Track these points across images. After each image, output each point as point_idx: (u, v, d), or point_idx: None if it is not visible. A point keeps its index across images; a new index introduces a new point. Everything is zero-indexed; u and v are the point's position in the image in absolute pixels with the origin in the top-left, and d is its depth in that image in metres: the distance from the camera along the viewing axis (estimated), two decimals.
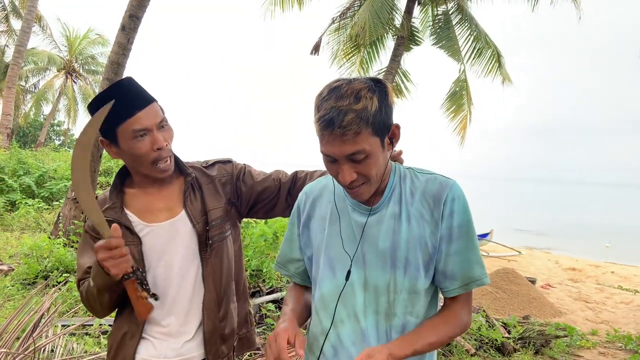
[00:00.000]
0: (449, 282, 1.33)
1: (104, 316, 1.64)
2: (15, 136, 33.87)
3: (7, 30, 26.24)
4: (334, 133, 1.17)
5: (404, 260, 1.31)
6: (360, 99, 1.17)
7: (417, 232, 1.32)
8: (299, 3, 11.97)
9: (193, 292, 1.64)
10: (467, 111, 12.53)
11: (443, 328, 1.32)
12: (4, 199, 10.92)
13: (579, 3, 11.04)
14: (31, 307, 3.86)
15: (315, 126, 1.23)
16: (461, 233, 1.31)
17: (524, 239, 20.02)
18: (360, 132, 1.17)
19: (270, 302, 5.26)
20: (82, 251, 1.63)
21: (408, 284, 1.31)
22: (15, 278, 5.86)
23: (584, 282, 10.53)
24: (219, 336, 1.66)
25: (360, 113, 1.16)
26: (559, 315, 7.32)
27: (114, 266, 1.40)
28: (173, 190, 1.66)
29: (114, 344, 1.63)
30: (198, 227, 1.62)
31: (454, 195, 1.31)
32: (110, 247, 1.39)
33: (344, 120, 1.16)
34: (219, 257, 1.66)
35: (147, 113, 1.51)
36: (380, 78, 1.27)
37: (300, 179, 1.80)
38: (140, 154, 1.51)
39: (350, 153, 1.20)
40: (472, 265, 1.32)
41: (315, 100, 1.24)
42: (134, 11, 7.52)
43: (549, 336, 5.36)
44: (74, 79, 34.13)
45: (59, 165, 14.08)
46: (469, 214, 1.32)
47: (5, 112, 18.31)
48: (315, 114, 1.22)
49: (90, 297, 1.54)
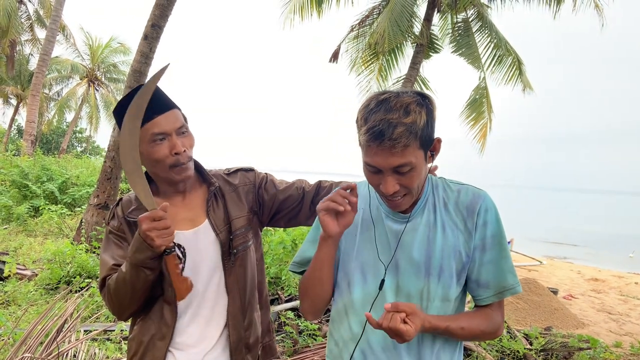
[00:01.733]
0: (482, 291, 1.36)
1: (129, 314, 1.60)
2: (39, 143, 34.58)
3: (31, 39, 26.84)
4: (383, 145, 1.20)
5: (439, 268, 1.33)
6: (409, 113, 1.19)
7: (451, 240, 1.35)
8: (318, 12, 12.02)
9: (215, 301, 1.64)
10: (488, 119, 12.43)
11: (477, 319, 1.35)
12: (28, 204, 11.11)
13: (601, 10, 10.90)
14: (54, 313, 3.92)
15: (361, 137, 1.25)
16: (494, 243, 1.34)
17: (545, 248, 19.70)
18: (409, 145, 1.20)
19: (289, 310, 5.25)
20: (107, 250, 1.63)
21: (441, 292, 1.34)
22: (39, 283, 5.95)
23: (607, 293, 10.32)
24: (244, 345, 1.66)
25: (410, 127, 1.19)
26: (581, 327, 7.18)
27: (158, 236, 1.40)
28: (196, 199, 1.67)
29: (140, 347, 1.61)
30: (221, 236, 1.63)
31: (487, 206, 1.35)
32: (155, 218, 1.40)
33: (394, 133, 1.18)
34: (243, 266, 1.66)
35: (167, 118, 1.53)
36: (426, 93, 1.29)
37: (324, 188, 1.80)
38: (159, 157, 1.53)
39: (397, 165, 1.23)
40: (505, 274, 1.35)
41: (361, 112, 1.26)
42: (156, 20, 7.65)
43: (572, 348, 5.26)
44: (96, 87, 34.72)
45: (82, 171, 14.31)
46: (501, 224, 1.36)
47: (30, 120, 18.65)
48: (362, 126, 1.24)
49: (120, 285, 1.50)
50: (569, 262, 16.18)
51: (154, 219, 1.40)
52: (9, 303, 5.26)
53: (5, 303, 5.25)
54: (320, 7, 11.99)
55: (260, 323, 1.77)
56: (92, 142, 43.13)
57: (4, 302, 5.26)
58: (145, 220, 1.40)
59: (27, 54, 29.74)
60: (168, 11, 7.73)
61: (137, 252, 1.44)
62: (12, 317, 4.68)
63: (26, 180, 12.19)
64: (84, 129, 44.40)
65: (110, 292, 1.55)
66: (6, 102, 32.71)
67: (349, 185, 1.36)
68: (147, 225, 1.39)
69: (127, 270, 1.47)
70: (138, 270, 1.46)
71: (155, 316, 1.61)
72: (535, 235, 24.49)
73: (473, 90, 12.50)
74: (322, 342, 4.46)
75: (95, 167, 15.80)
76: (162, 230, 1.40)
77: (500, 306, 1.39)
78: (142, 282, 1.48)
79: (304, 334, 4.67)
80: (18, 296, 5.37)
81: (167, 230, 1.41)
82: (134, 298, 1.53)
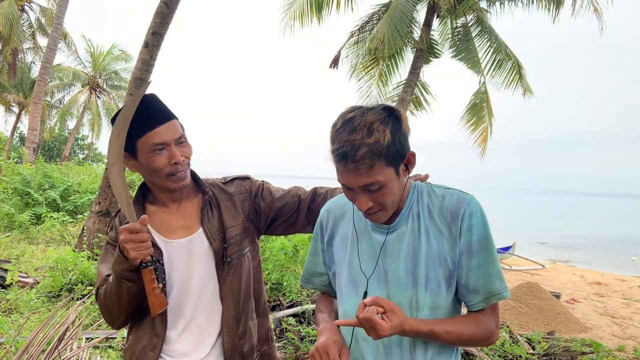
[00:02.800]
0: (472, 296, 1.35)
1: (119, 323, 1.64)
2: (41, 150, 34.66)
3: (33, 47, 26.97)
4: (348, 166, 1.21)
5: (425, 277, 1.33)
6: (372, 133, 1.19)
7: (436, 248, 1.33)
8: (318, 18, 12.06)
9: (210, 309, 1.65)
10: (488, 123, 12.44)
11: (466, 324, 1.33)
12: (30, 212, 11.13)
13: (600, 14, 10.92)
14: (56, 320, 3.93)
15: (331, 157, 1.26)
16: (481, 247, 1.32)
17: (547, 252, 19.65)
18: (373, 166, 1.20)
19: (291, 316, 5.25)
20: (103, 261, 1.66)
21: (430, 300, 1.32)
22: (41, 291, 5.96)
23: (610, 297, 10.30)
24: (239, 354, 1.66)
25: (372, 147, 1.19)
26: (584, 331, 7.17)
27: (133, 249, 1.42)
28: (191, 208, 1.69)
29: (133, 357, 1.63)
30: (215, 245, 1.64)
31: (471, 210, 1.33)
32: (132, 230, 1.42)
33: (357, 155, 1.18)
34: (237, 274, 1.67)
35: (167, 128, 1.55)
36: (393, 106, 1.28)
37: (320, 195, 1.81)
38: (157, 167, 1.55)
39: (364, 185, 1.23)
40: (493, 278, 1.33)
41: (330, 131, 1.27)
42: (157, 28, 7.69)
43: (575, 352, 5.24)
44: (97, 94, 34.87)
45: (83, 178, 14.33)
46: (487, 228, 1.33)
47: (32, 127, 18.71)
48: (331, 145, 1.25)
49: (108, 295, 1.55)
50: (572, 265, 16.15)
51: (131, 231, 1.42)
52: (11, 311, 5.27)
53: (7, 311, 5.26)
54: (320, 14, 12.01)
55: (257, 331, 1.77)
56: (94, 149, 43.19)
57: (6, 310, 5.27)
58: (123, 231, 1.43)
59: (29, 62, 29.89)
60: (169, 19, 7.77)
61: (116, 263, 1.48)
62: (14, 325, 4.68)
63: (28, 188, 12.21)
64: (86, 136, 44.61)
65: (101, 301, 1.60)
66: (8, 109, 32.82)
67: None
68: (124, 237, 1.43)
69: (112, 281, 1.52)
70: (120, 282, 1.50)
71: (147, 326, 1.63)
72: (537, 238, 24.43)
73: (473, 95, 12.51)
74: None
75: (97, 174, 15.81)
76: (138, 244, 1.43)
77: (493, 312, 1.37)
78: (125, 293, 1.52)
79: (306, 340, 4.66)
80: (20, 304, 5.38)
81: (143, 243, 1.43)
82: (121, 308, 1.57)
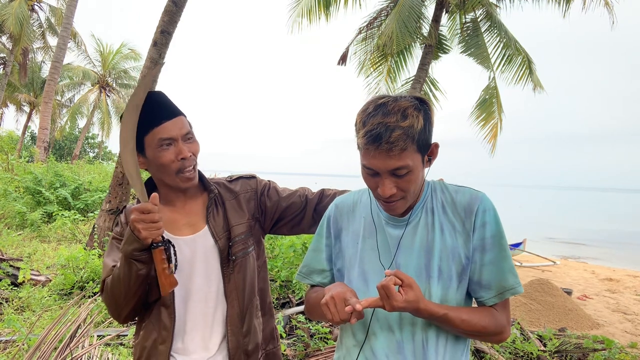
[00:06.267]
0: (484, 292, 1.36)
1: (125, 315, 1.61)
2: (52, 149, 34.95)
3: (43, 47, 27.19)
4: (381, 148, 1.22)
5: (438, 270, 1.34)
6: (407, 117, 1.22)
7: (450, 243, 1.35)
8: (326, 15, 12.03)
9: (215, 307, 1.66)
10: (498, 119, 12.35)
11: (480, 314, 1.34)
12: (42, 210, 11.24)
13: (611, 8, 10.79)
14: (68, 318, 3.96)
15: (359, 140, 1.27)
16: (494, 243, 1.34)
17: (558, 248, 19.53)
18: (406, 149, 1.22)
19: (301, 314, 5.25)
20: (109, 254, 1.67)
21: (441, 294, 1.33)
22: (52, 289, 6.01)
23: (622, 293, 10.21)
24: (243, 352, 1.67)
25: (407, 130, 1.21)
26: (596, 328, 7.11)
27: (145, 229, 1.42)
28: (197, 206, 1.70)
29: (143, 352, 1.64)
30: (220, 243, 1.65)
31: (485, 207, 1.36)
32: (144, 211, 1.42)
33: (392, 136, 1.20)
34: (242, 272, 1.68)
35: (174, 124, 1.56)
36: (424, 97, 1.30)
37: (328, 196, 1.82)
38: (165, 162, 1.56)
39: (394, 168, 1.24)
40: (506, 274, 1.34)
41: (359, 116, 1.28)
42: (165, 27, 7.71)
43: (587, 349, 5.21)
44: (107, 93, 35.10)
45: (94, 177, 14.43)
46: (500, 224, 1.36)
47: (43, 127, 18.86)
48: (360, 129, 1.26)
49: (115, 282, 1.54)
50: (583, 262, 16.03)
51: (142, 211, 1.42)
52: (24, 309, 5.32)
53: (19, 309, 5.31)
54: (328, 10, 11.99)
55: (263, 330, 1.77)
56: (104, 148, 43.55)
57: (19, 308, 5.33)
58: (134, 211, 1.43)
59: (39, 62, 30.11)
60: (177, 17, 7.79)
61: (127, 243, 1.47)
62: (27, 323, 4.72)
63: (39, 187, 12.32)
64: (96, 135, 44.93)
65: (107, 291, 1.59)
66: (19, 109, 33.15)
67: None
68: (135, 216, 1.43)
69: (121, 265, 1.51)
70: (130, 263, 1.48)
71: (154, 320, 1.63)
72: (548, 235, 24.28)
73: (483, 91, 12.42)
74: (333, 346, 4.45)
75: (108, 173, 15.92)
76: (150, 224, 1.43)
77: (504, 308, 1.38)
78: (134, 277, 1.50)
79: (315, 337, 4.67)
80: (32, 302, 5.42)
81: (154, 223, 1.44)
82: (128, 295, 1.54)
